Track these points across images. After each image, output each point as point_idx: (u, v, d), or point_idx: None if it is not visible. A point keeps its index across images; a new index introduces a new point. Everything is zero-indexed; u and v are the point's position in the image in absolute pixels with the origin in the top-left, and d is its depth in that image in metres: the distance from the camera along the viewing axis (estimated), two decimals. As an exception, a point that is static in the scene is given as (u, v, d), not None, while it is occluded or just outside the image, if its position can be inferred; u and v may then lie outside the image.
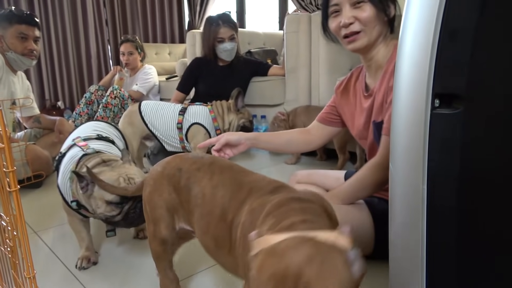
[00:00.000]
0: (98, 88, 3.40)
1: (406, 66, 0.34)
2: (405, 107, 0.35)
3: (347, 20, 1.05)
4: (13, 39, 2.06)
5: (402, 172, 0.35)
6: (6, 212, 0.71)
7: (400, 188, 0.36)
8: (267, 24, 4.96)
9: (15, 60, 2.10)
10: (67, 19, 4.30)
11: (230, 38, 2.52)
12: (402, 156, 0.35)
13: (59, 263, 1.21)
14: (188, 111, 2.14)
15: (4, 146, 0.59)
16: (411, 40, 0.34)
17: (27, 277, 0.64)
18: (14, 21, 2.05)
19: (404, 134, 0.35)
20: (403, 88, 0.35)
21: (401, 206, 0.37)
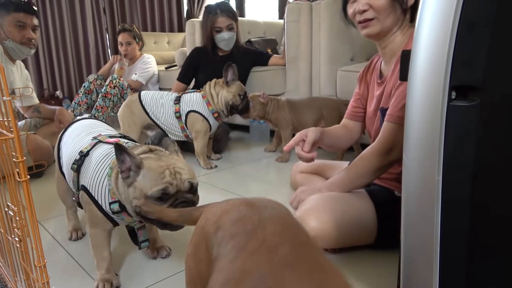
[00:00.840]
0: (97, 77, 3.38)
1: (422, 58, 0.35)
2: (421, 99, 0.35)
3: (361, 7, 1.09)
4: (10, 27, 2.02)
5: (416, 163, 0.36)
6: (14, 202, 0.71)
7: (414, 179, 0.37)
8: (267, 13, 4.91)
9: (13, 49, 2.07)
10: (64, 8, 4.25)
11: (228, 27, 2.50)
12: (417, 147, 0.36)
13: (63, 251, 1.22)
14: (182, 100, 2.13)
15: (13, 136, 0.59)
16: (427, 31, 0.34)
17: (38, 266, 0.64)
18: (11, 9, 2.02)
19: (419, 125, 0.35)
20: (418, 80, 0.35)
21: (415, 197, 0.37)
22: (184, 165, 0.96)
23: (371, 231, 1.11)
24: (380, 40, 1.15)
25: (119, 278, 1.05)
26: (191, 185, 0.94)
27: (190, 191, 0.94)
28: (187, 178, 0.93)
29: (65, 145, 1.19)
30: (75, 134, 1.19)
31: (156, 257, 1.16)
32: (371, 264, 1.10)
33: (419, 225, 0.37)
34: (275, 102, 2.20)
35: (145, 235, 1.05)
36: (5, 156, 0.71)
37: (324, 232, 1.05)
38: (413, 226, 0.38)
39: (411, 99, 0.36)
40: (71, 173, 1.08)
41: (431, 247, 0.35)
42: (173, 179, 0.91)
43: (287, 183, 1.78)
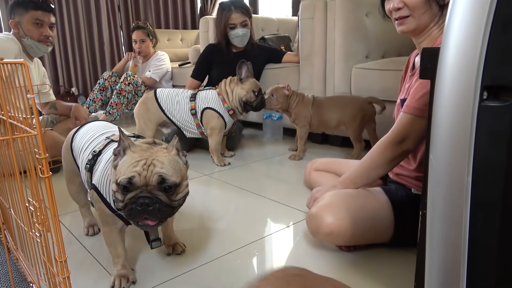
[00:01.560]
0: (112, 74, 3.42)
1: (452, 56, 0.34)
2: (450, 98, 0.34)
3: (396, 5, 1.10)
4: (29, 25, 2.06)
5: (444, 163, 0.35)
6: (35, 197, 0.72)
7: (441, 179, 0.36)
8: (281, 10, 4.89)
9: (31, 47, 2.11)
10: (80, 6, 4.30)
11: (242, 24, 2.49)
12: (445, 147, 0.35)
13: (79, 246, 1.24)
14: (198, 97, 2.13)
15: (36, 133, 0.60)
16: (458, 29, 0.33)
17: (59, 261, 0.65)
18: (29, 7, 2.05)
19: (448, 125, 0.34)
20: (447, 79, 0.34)
21: (441, 197, 0.37)
22: (167, 160, 0.88)
23: (387, 229, 1.10)
24: (416, 36, 1.14)
25: (135, 274, 1.06)
26: (161, 179, 0.85)
27: (161, 188, 0.86)
28: (158, 172, 0.85)
29: (79, 145, 1.18)
30: (89, 134, 1.19)
31: (171, 253, 1.16)
32: (388, 262, 1.09)
33: (445, 226, 0.36)
34: (301, 97, 2.15)
35: (156, 234, 1.03)
36: (27, 152, 0.72)
37: (340, 228, 1.05)
38: (439, 227, 0.38)
39: (439, 98, 0.36)
40: (85, 173, 1.08)
41: (458, 250, 0.35)
42: (143, 170, 0.84)
43: (301, 181, 1.77)
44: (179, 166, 0.90)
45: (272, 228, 1.34)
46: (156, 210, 0.85)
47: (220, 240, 1.26)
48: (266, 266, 1.11)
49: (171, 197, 0.87)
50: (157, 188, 0.85)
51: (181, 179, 0.89)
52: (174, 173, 0.87)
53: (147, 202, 0.84)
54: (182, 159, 0.94)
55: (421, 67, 0.72)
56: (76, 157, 1.19)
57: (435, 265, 0.39)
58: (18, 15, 2.06)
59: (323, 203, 1.11)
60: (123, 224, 1.02)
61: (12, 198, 0.96)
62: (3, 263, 1.13)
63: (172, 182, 0.86)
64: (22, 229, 0.92)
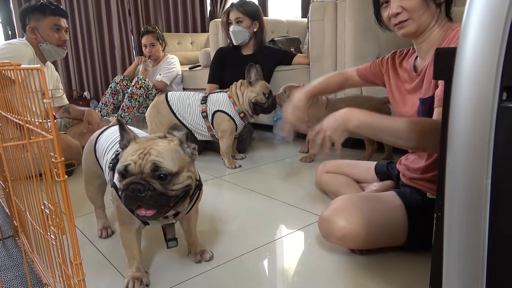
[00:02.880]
0: (123, 78, 3.46)
1: (470, 56, 0.33)
2: (468, 99, 0.34)
3: (394, 10, 1.09)
4: (48, 30, 2.10)
5: (462, 165, 0.35)
6: (50, 200, 0.73)
7: (459, 182, 0.36)
8: (290, 12, 4.89)
9: (49, 51, 2.15)
10: (91, 11, 4.36)
11: (236, 20, 2.53)
12: (463, 149, 0.34)
13: (93, 248, 1.25)
14: (209, 99, 2.15)
15: (52, 137, 0.61)
16: (476, 28, 0.33)
17: (74, 263, 0.66)
18: (48, 13, 2.09)
19: (466, 126, 0.34)
20: (465, 79, 0.34)
21: (459, 201, 0.36)
22: (165, 149, 0.87)
23: (401, 233, 1.09)
24: (417, 37, 1.14)
25: (149, 276, 1.07)
26: (155, 167, 0.84)
27: (155, 176, 0.84)
28: (152, 159, 0.84)
29: (103, 147, 1.20)
30: (114, 136, 1.19)
31: (200, 260, 1.14)
32: (401, 266, 1.08)
33: (464, 230, 0.36)
34: (315, 99, 2.11)
35: (173, 234, 1.04)
36: (43, 155, 0.73)
37: (352, 232, 1.04)
38: (457, 231, 0.37)
39: (457, 99, 0.35)
40: (108, 172, 1.09)
41: (477, 253, 0.34)
42: (139, 159, 0.85)
43: (312, 183, 1.76)
44: (178, 155, 0.89)
45: (283, 230, 1.34)
46: (148, 197, 0.83)
47: (232, 242, 1.26)
48: (278, 268, 1.11)
49: (167, 186, 0.85)
50: (151, 176, 0.84)
51: (180, 169, 0.87)
52: (171, 162, 0.86)
53: (139, 188, 0.83)
54: (186, 151, 0.92)
55: (435, 68, 0.71)
56: (100, 158, 1.20)
57: (453, 269, 0.38)
58: (35, 20, 2.09)
59: (335, 206, 1.10)
60: (140, 223, 1.02)
61: (28, 201, 0.98)
62: (19, 266, 1.14)
63: (166, 170, 0.84)
64: (37, 232, 0.93)
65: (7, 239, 1.33)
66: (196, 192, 1.01)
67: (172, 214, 0.98)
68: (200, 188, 1.03)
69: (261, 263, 1.13)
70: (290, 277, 1.06)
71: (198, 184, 1.01)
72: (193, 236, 1.15)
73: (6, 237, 1.34)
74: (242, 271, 1.09)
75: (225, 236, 1.31)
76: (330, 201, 1.51)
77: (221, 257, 1.16)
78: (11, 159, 1.04)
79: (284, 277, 1.06)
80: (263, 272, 1.08)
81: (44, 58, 2.19)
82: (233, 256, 1.17)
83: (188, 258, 1.16)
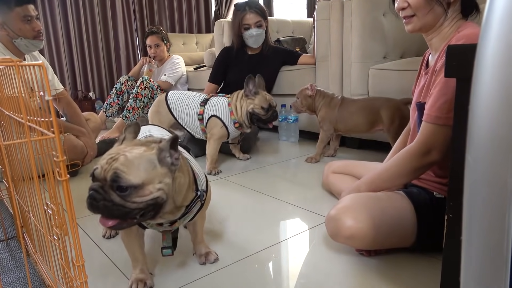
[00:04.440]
0: (128, 78, 3.45)
1: (492, 52, 0.31)
2: (489, 96, 0.32)
3: (400, 5, 1.11)
4: (19, 24, 1.87)
5: (484, 163, 0.33)
6: (53, 201, 0.72)
7: (480, 180, 0.34)
8: (295, 12, 4.87)
9: (26, 46, 1.94)
10: (96, 11, 4.37)
11: (257, 24, 2.48)
12: (484, 147, 0.32)
13: (97, 249, 1.24)
14: (209, 103, 2.11)
15: (54, 135, 0.59)
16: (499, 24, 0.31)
17: (77, 265, 0.64)
18: (13, 4, 1.85)
19: (488, 123, 0.32)
20: (486, 76, 0.32)
21: (481, 200, 0.34)
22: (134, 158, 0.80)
23: (410, 233, 1.07)
24: (425, 34, 1.14)
25: (153, 278, 1.05)
26: (115, 176, 0.77)
27: (113, 186, 0.78)
28: (115, 167, 0.78)
29: None
30: None
31: (205, 262, 1.12)
32: (410, 267, 1.05)
33: (485, 231, 0.34)
34: (328, 99, 2.06)
35: (169, 241, 0.99)
36: (44, 155, 0.72)
37: (360, 231, 1.02)
38: (478, 232, 0.35)
39: (477, 96, 0.33)
40: None
41: (500, 256, 0.32)
42: (107, 163, 0.79)
43: (318, 184, 1.74)
44: (148, 166, 0.81)
45: (289, 232, 1.32)
46: (102, 207, 0.79)
47: (238, 243, 1.24)
48: (284, 270, 1.09)
49: (126, 198, 0.79)
50: (109, 185, 0.79)
51: (146, 181, 0.80)
52: (135, 173, 0.79)
53: (95, 197, 0.79)
54: (165, 161, 0.83)
55: (447, 65, 0.69)
56: None
57: (473, 272, 0.36)
58: (2, 15, 1.85)
59: (342, 205, 1.08)
60: (138, 227, 1.01)
61: (31, 202, 0.96)
62: (22, 267, 1.13)
63: (126, 182, 0.78)
64: (40, 233, 0.92)
65: (10, 240, 1.32)
66: (194, 203, 0.96)
67: (167, 221, 0.95)
68: (201, 198, 0.97)
69: (267, 265, 1.11)
70: (297, 279, 1.04)
71: (198, 195, 0.96)
72: (199, 238, 1.13)
73: (10, 237, 1.34)
74: (247, 273, 1.07)
75: (231, 237, 1.29)
76: (336, 202, 1.50)
77: (226, 258, 1.14)
78: (14, 159, 1.03)
79: (291, 279, 1.04)
80: (269, 274, 1.06)
81: (21, 52, 1.98)
82: (238, 258, 1.15)
83: (193, 259, 1.15)
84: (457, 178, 0.64)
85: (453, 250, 0.69)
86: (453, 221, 0.69)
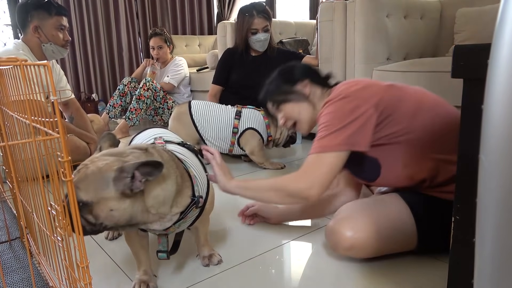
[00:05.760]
0: (131, 80, 3.45)
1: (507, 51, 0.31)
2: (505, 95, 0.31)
3: (281, 122, 1.32)
4: (53, 30, 2.02)
5: (500, 164, 0.32)
6: (57, 201, 0.72)
7: (495, 182, 0.33)
8: (298, 14, 4.87)
9: (52, 51, 2.06)
10: (100, 13, 4.38)
11: (264, 29, 2.48)
12: (500, 148, 0.32)
13: (100, 250, 1.24)
14: (243, 115, 2.09)
15: (58, 135, 0.59)
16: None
17: (81, 266, 0.64)
18: (54, 12, 2.00)
19: (503, 124, 0.31)
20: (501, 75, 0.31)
21: (495, 202, 0.33)
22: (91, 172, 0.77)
23: (411, 236, 1.05)
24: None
25: (156, 280, 1.04)
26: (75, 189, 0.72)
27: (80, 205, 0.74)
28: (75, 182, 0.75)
29: None
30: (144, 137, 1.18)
31: (209, 264, 1.11)
32: (413, 270, 1.04)
33: (500, 232, 0.33)
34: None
35: (164, 245, 0.96)
36: (49, 155, 0.72)
37: (360, 240, 1.01)
38: (493, 234, 0.34)
39: (492, 96, 0.33)
40: None
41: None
42: (74, 176, 0.76)
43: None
44: (99, 185, 0.76)
45: (292, 234, 1.31)
46: None
47: (241, 245, 1.23)
48: (287, 273, 1.08)
49: (81, 212, 0.76)
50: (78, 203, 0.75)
51: (94, 201, 0.76)
52: (86, 189, 0.76)
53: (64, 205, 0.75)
54: (123, 182, 0.77)
55: (454, 66, 0.68)
56: None
57: (487, 273, 0.35)
58: (39, 19, 1.98)
59: (340, 216, 1.07)
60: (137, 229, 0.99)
61: (34, 202, 0.96)
62: (26, 268, 1.13)
63: (78, 198, 0.75)
64: (44, 234, 0.92)
65: (14, 241, 1.32)
66: (190, 209, 0.93)
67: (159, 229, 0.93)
68: (196, 204, 0.93)
69: (270, 267, 1.10)
70: (299, 282, 1.03)
71: (195, 201, 0.92)
72: (202, 240, 1.12)
73: (13, 238, 1.33)
74: (251, 275, 1.06)
75: (234, 239, 1.28)
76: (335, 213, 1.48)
77: (230, 260, 1.13)
78: (18, 160, 1.03)
79: (294, 282, 1.04)
80: (272, 277, 1.06)
81: (45, 57, 2.09)
82: (242, 259, 1.14)
83: (197, 261, 1.14)
84: (465, 180, 0.63)
85: (462, 253, 0.68)
86: (460, 223, 0.68)
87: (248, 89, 2.50)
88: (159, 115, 3.37)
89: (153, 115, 3.38)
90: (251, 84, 2.49)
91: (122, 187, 0.77)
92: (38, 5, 1.99)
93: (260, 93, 1.39)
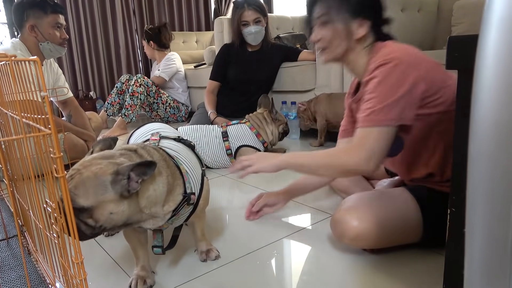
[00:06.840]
0: (129, 78, 3.45)
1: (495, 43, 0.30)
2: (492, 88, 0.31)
3: (313, 38, 1.17)
4: (50, 29, 2.00)
5: (488, 157, 0.32)
6: (52, 198, 0.71)
7: (483, 170, 0.33)
8: (295, 8, 4.85)
9: (50, 50, 2.05)
10: (96, 11, 4.36)
11: (255, 21, 2.48)
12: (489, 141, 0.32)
13: (97, 247, 1.24)
14: (230, 135, 2.04)
15: (50, 132, 0.59)
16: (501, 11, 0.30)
17: (75, 262, 0.64)
18: (49, 11, 1.98)
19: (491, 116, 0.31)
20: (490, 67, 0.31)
21: (484, 195, 0.33)
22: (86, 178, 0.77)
23: (415, 228, 1.05)
24: (341, 63, 1.18)
25: (154, 276, 1.04)
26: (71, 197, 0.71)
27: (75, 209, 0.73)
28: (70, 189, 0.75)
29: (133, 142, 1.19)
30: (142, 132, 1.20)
31: (206, 259, 1.11)
32: (416, 264, 1.04)
33: (488, 224, 0.33)
34: (315, 99, 2.32)
35: (159, 240, 0.97)
36: (43, 152, 0.71)
37: (365, 231, 1.01)
38: (481, 225, 0.34)
39: (480, 88, 0.32)
40: None
41: (505, 249, 0.31)
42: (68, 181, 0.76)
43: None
44: (98, 190, 0.77)
45: (291, 228, 1.31)
46: None
47: (239, 240, 1.24)
48: (286, 267, 1.08)
49: (80, 218, 0.77)
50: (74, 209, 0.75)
51: (94, 205, 0.78)
52: (84, 195, 0.77)
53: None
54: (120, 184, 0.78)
55: (448, 57, 0.68)
56: None
57: (476, 264, 0.35)
58: (35, 18, 1.97)
59: (346, 206, 1.07)
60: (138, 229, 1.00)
61: (31, 200, 0.96)
62: (22, 265, 1.13)
63: (77, 204, 0.76)
64: (40, 231, 0.92)
65: (11, 239, 1.32)
66: (182, 206, 0.93)
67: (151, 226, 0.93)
68: (188, 201, 0.93)
69: (269, 262, 1.10)
70: (299, 276, 1.03)
71: (186, 198, 0.93)
72: (199, 235, 1.12)
73: (11, 236, 1.33)
74: (249, 270, 1.07)
75: (232, 234, 1.29)
76: (338, 198, 1.49)
77: (228, 255, 1.14)
78: (14, 157, 1.03)
79: (293, 276, 1.04)
80: (270, 271, 1.06)
81: (43, 56, 2.09)
82: (240, 254, 1.14)
83: (194, 256, 1.14)
84: (459, 171, 0.63)
85: (456, 244, 0.68)
86: (455, 215, 0.68)
87: (245, 85, 2.50)
88: (155, 111, 3.38)
89: (150, 111, 3.39)
90: (248, 80, 2.48)
91: (120, 189, 0.79)
92: (33, 4, 1.97)
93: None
